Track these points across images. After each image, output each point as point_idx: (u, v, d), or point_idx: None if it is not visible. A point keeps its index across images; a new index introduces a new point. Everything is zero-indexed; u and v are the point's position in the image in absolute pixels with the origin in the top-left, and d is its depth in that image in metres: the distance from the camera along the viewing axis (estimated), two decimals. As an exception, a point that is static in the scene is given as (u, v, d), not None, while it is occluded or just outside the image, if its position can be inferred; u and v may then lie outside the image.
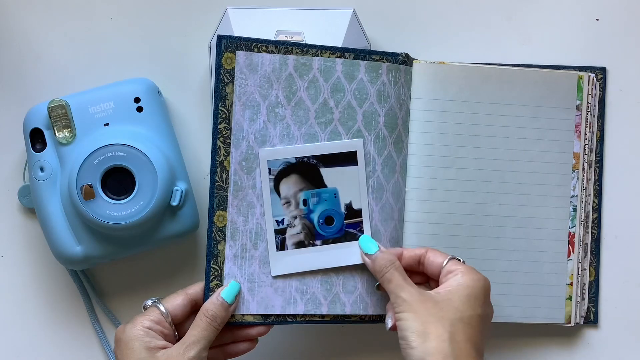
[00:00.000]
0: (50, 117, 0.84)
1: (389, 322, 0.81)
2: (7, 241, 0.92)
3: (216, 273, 0.82)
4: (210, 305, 0.80)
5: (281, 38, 0.87)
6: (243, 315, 0.82)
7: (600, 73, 0.92)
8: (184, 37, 0.92)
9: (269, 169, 0.83)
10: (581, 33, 0.93)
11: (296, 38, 0.87)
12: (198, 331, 0.79)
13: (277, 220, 0.83)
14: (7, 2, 0.92)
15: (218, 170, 0.82)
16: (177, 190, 0.84)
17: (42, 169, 0.85)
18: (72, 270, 0.91)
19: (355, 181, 0.84)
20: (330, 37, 0.88)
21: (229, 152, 0.82)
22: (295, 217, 0.83)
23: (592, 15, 0.94)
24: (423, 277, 0.83)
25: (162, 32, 0.92)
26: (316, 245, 0.84)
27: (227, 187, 0.82)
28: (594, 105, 0.91)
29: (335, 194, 0.84)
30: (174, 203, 0.84)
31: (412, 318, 0.76)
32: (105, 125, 0.85)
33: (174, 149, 0.87)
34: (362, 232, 0.84)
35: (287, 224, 0.83)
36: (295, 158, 0.83)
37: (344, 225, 0.84)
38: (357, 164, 0.84)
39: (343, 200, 0.84)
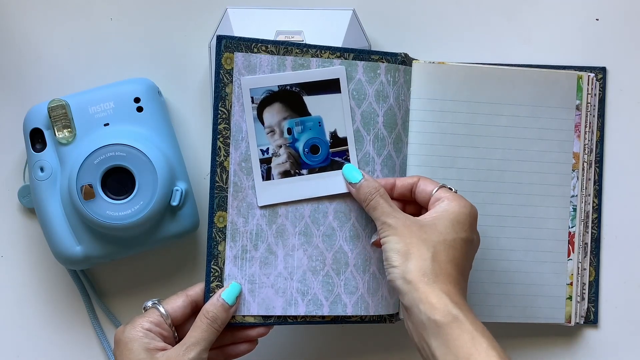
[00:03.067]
0: (50, 117, 0.84)
1: (374, 237, 0.82)
2: (7, 241, 0.92)
3: (217, 274, 0.82)
4: (211, 307, 0.80)
5: (281, 38, 0.87)
6: (244, 316, 0.82)
7: (600, 73, 0.92)
8: (184, 37, 0.92)
9: (252, 98, 0.82)
10: (581, 33, 0.93)
11: (296, 38, 0.87)
12: (198, 332, 0.79)
13: (261, 150, 0.82)
14: (7, 2, 0.92)
15: (218, 170, 0.82)
16: (177, 190, 0.84)
17: (42, 169, 0.85)
18: (72, 270, 0.91)
19: (339, 109, 0.83)
20: (330, 37, 0.88)
21: (229, 152, 0.82)
22: (280, 146, 0.83)
23: (592, 15, 0.93)
24: (416, 206, 0.83)
25: (162, 32, 0.92)
26: (302, 174, 0.83)
27: (227, 187, 0.82)
28: (594, 105, 0.91)
29: (319, 122, 0.83)
30: (174, 203, 0.84)
31: (396, 240, 0.77)
32: (105, 125, 0.85)
33: (174, 149, 0.87)
34: (348, 161, 0.83)
35: (272, 153, 0.82)
36: (278, 86, 0.82)
37: (330, 153, 0.83)
38: (340, 92, 0.83)
39: (328, 129, 0.83)
